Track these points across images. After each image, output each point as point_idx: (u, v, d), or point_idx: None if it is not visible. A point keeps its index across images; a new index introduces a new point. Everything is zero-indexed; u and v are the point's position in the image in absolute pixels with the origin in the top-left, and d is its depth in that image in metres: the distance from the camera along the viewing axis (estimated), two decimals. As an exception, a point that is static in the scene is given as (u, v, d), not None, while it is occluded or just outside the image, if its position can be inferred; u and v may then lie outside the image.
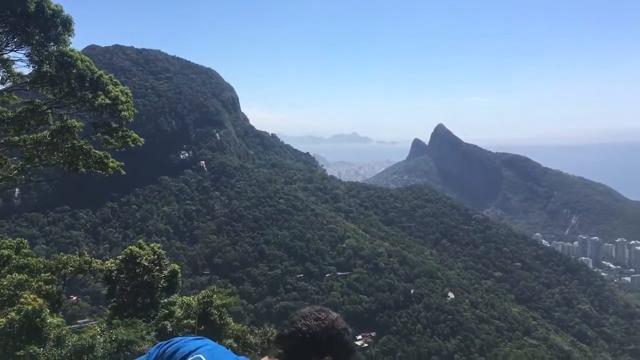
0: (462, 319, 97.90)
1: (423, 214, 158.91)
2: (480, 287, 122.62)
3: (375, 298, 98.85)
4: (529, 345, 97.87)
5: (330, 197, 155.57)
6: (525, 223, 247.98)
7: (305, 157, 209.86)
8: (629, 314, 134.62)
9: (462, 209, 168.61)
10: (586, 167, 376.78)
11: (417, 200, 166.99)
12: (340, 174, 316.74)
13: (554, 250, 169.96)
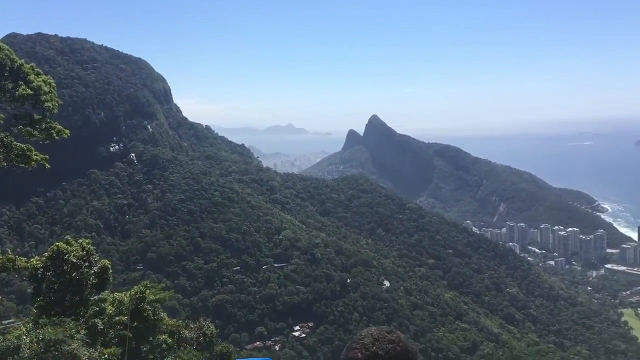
0: (397, 306, 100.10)
1: (358, 204, 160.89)
2: (414, 274, 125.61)
3: (312, 288, 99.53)
4: (460, 329, 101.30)
5: (266, 189, 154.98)
6: (456, 211, 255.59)
7: (241, 148, 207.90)
8: (553, 296, 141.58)
9: (396, 198, 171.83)
10: (513, 157, 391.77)
11: (353, 190, 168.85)
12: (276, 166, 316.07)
13: (483, 236, 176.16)
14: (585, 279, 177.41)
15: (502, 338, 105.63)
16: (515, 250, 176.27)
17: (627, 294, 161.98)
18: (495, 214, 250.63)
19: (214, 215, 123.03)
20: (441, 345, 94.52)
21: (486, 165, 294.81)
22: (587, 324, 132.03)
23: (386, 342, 2.39)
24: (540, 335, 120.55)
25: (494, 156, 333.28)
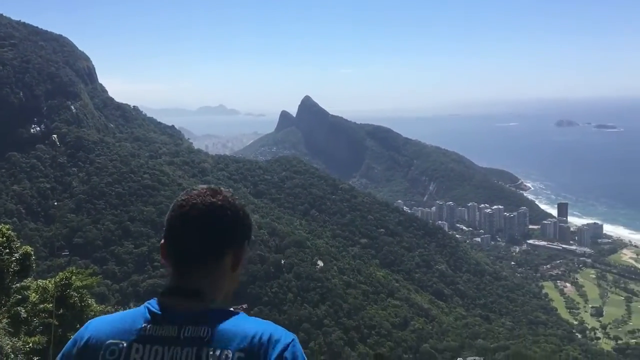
0: (330, 285, 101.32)
1: (292, 185, 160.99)
2: (347, 254, 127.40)
3: (246, 270, 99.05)
4: (392, 306, 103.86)
5: (197, 171, 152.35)
6: (388, 191, 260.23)
7: (171, 130, 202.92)
8: (480, 271, 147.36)
9: (329, 179, 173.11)
10: (442, 137, 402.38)
11: (286, 172, 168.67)
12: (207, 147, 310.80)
13: (414, 215, 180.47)
14: (509, 254, 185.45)
15: (431, 313, 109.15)
16: (444, 228, 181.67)
17: (548, 268, 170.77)
18: (426, 194, 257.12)
19: (143, 198, 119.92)
20: (374, 322, 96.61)
21: (416, 145, 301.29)
22: (511, 297, 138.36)
23: (207, 196, 2.24)
24: (467, 309, 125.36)
25: (424, 137, 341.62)
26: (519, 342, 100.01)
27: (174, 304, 2.22)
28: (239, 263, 2.35)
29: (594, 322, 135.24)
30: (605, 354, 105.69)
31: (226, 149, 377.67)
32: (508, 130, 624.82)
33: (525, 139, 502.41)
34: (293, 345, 2.16)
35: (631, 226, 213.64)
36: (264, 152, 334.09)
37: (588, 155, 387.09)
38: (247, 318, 2.20)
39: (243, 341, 2.10)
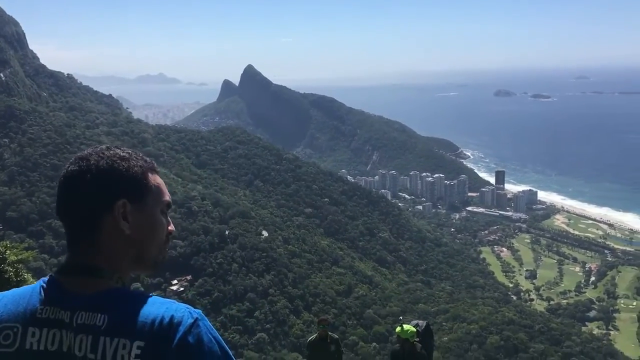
0: (275, 255, 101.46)
1: (235, 155, 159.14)
2: (292, 223, 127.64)
3: (190, 242, 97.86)
4: (336, 274, 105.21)
5: (137, 142, 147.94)
6: (332, 161, 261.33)
7: (108, 99, 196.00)
8: (421, 238, 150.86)
9: (273, 149, 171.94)
10: (385, 107, 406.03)
11: (229, 142, 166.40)
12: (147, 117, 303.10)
13: (358, 185, 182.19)
14: (449, 221, 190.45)
15: (375, 280, 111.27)
16: (387, 197, 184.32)
17: (485, 234, 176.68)
18: (369, 163, 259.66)
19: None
20: (318, 290, 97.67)
21: (360, 115, 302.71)
22: (451, 263, 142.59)
23: (77, 159, 2.11)
24: (409, 275, 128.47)
25: (368, 106, 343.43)
26: (458, 305, 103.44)
27: (66, 283, 2.03)
28: (120, 225, 2.06)
29: (528, 284, 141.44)
30: (538, 314, 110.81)
31: (167, 119, 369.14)
32: (448, 100, 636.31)
33: (465, 109, 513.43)
34: (196, 326, 1.96)
35: (563, 192, 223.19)
36: (207, 122, 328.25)
37: (524, 125, 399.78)
38: (147, 300, 1.99)
39: (142, 328, 1.91)
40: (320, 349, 12.36)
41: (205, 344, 1.94)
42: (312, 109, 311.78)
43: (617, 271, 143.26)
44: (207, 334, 1.97)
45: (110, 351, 1.85)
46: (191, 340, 1.92)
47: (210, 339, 1.97)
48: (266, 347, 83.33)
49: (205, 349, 1.92)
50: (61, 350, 1.89)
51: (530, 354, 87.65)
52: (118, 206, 2.06)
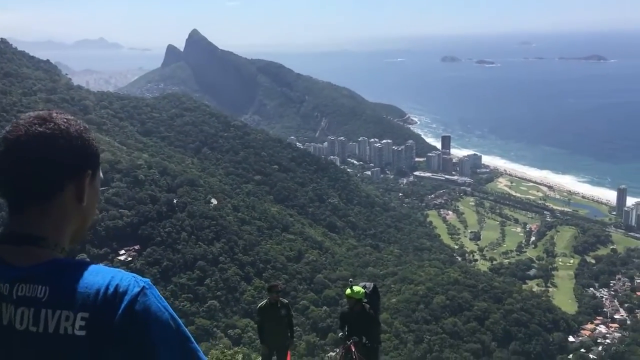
0: (225, 222, 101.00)
1: (182, 123, 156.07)
2: (241, 191, 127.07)
3: (137, 211, 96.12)
4: (287, 241, 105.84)
5: (79, 109, 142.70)
6: (281, 127, 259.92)
7: (46, 65, 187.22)
8: (370, 203, 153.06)
9: (221, 116, 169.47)
10: (333, 73, 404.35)
11: (176, 109, 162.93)
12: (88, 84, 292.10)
13: (307, 151, 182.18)
14: (397, 186, 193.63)
15: (325, 245, 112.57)
16: (336, 163, 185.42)
17: (432, 197, 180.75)
18: (318, 129, 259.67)
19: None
20: (269, 256, 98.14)
21: (308, 81, 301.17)
22: (399, 226, 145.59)
23: (34, 126, 1.93)
24: (358, 239, 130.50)
25: (316, 72, 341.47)
26: (406, 267, 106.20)
27: (5, 254, 1.88)
28: (83, 196, 1.99)
29: (473, 245, 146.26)
30: (481, 274, 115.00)
31: (109, 86, 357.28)
32: (396, 66, 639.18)
33: (412, 75, 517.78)
34: (144, 295, 1.87)
35: (506, 156, 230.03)
36: (151, 88, 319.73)
37: (470, 90, 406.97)
38: (91, 269, 1.88)
39: (86, 299, 1.81)
40: (270, 314, 12.51)
41: (153, 312, 1.87)
42: (260, 75, 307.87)
43: (556, 231, 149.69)
44: (155, 302, 1.90)
45: (53, 324, 1.76)
46: (138, 309, 1.84)
47: (159, 307, 1.90)
48: (217, 314, 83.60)
49: (153, 318, 1.86)
50: (1, 324, 1.79)
51: (474, 312, 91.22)
52: (87, 176, 2.00)
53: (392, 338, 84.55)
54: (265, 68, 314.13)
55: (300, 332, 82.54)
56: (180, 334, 1.90)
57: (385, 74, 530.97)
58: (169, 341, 1.86)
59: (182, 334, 1.92)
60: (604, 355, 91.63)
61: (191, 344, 1.92)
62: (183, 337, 1.91)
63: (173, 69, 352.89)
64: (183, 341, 1.90)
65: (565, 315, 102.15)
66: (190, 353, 1.90)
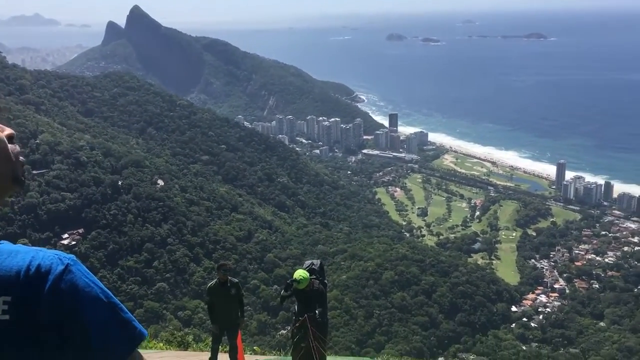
0: (173, 204, 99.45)
1: (125, 102, 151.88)
2: (188, 171, 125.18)
3: (80, 194, 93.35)
4: (236, 220, 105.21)
5: (14, 89, 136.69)
6: (228, 106, 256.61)
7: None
8: (319, 182, 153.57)
9: (166, 95, 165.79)
10: (279, 51, 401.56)
11: (118, 88, 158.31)
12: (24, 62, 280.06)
13: (255, 130, 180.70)
14: (345, 164, 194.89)
15: (274, 224, 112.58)
16: (284, 142, 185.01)
17: (380, 175, 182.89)
18: (265, 108, 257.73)
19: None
20: (218, 237, 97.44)
21: (255, 59, 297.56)
22: (348, 204, 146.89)
23: None
24: (308, 218, 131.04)
25: (262, 50, 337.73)
26: (355, 244, 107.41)
27: None
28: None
29: (420, 221, 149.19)
30: (429, 248, 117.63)
31: (47, 64, 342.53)
32: (343, 43, 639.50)
33: (359, 53, 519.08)
34: (69, 272, 1.79)
35: (451, 134, 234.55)
36: (92, 67, 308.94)
37: (416, 68, 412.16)
38: (8, 251, 1.79)
39: (6, 282, 1.72)
40: (220, 293, 12.35)
41: (80, 289, 1.79)
42: (206, 53, 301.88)
43: (499, 205, 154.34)
44: (82, 278, 1.82)
45: None
46: (64, 287, 1.76)
47: (87, 283, 1.82)
48: (167, 296, 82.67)
49: (82, 295, 1.78)
50: None
51: (421, 286, 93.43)
52: None
53: (343, 314, 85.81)
54: (210, 46, 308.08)
55: (251, 312, 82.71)
56: (112, 306, 1.82)
57: (332, 52, 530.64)
58: (101, 316, 1.78)
59: (114, 306, 1.83)
60: (544, 324, 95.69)
61: (125, 315, 1.85)
62: (115, 310, 1.83)
63: (114, 46, 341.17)
64: (116, 313, 1.83)
65: (508, 286, 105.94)
66: (125, 324, 1.83)
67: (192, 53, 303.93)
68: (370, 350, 72.71)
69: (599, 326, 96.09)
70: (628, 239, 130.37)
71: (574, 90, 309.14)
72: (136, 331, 1.84)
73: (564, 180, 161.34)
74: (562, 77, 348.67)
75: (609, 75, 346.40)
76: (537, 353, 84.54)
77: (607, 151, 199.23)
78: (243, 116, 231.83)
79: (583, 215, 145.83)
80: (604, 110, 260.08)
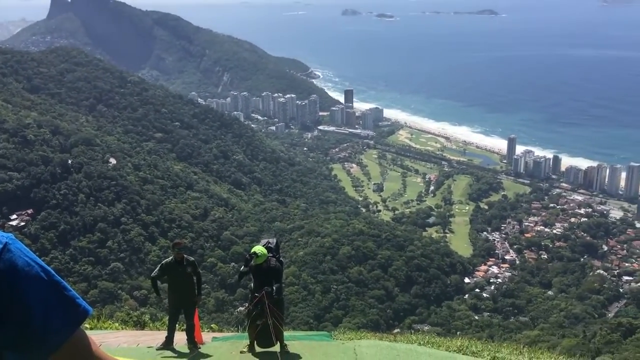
0: (126, 183, 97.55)
1: (73, 78, 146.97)
2: (141, 149, 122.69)
3: (28, 173, 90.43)
4: (192, 199, 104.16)
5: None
6: (181, 83, 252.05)
7: None
8: (275, 159, 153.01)
9: (116, 71, 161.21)
10: (233, 26, 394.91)
11: (65, 64, 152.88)
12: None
13: (209, 107, 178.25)
14: (302, 140, 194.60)
15: (231, 202, 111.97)
16: (240, 119, 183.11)
17: (336, 151, 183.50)
18: (220, 84, 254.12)
19: None
20: (174, 215, 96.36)
21: (208, 35, 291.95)
22: (304, 181, 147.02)
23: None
24: (265, 195, 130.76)
25: (215, 25, 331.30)
26: (312, 221, 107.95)
27: None
28: None
29: (376, 197, 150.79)
30: (385, 223, 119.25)
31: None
32: (297, 19, 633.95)
33: (313, 28, 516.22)
34: (7, 251, 1.74)
35: (406, 109, 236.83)
36: (37, 41, 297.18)
37: (371, 44, 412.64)
38: None
39: None
40: (176, 272, 12.22)
41: (20, 268, 1.74)
42: (157, 28, 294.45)
43: (453, 180, 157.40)
44: (21, 257, 1.77)
45: None
46: (2, 267, 1.71)
47: (27, 261, 1.77)
48: (122, 276, 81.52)
49: (21, 274, 1.73)
50: None
51: (378, 260, 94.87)
52: None
53: (300, 290, 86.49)
54: (161, 20, 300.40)
55: (209, 289, 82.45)
56: (54, 284, 1.77)
57: (287, 27, 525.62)
58: (43, 294, 1.72)
59: (56, 284, 1.78)
60: (496, 294, 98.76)
61: (67, 292, 1.80)
62: (58, 287, 1.77)
63: (60, 20, 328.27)
64: (58, 291, 1.77)
65: (461, 258, 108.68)
66: (68, 302, 1.78)
67: (142, 28, 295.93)
68: (328, 324, 73.73)
69: (547, 295, 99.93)
70: (575, 211, 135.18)
71: (524, 66, 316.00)
72: (79, 309, 1.80)
73: (514, 155, 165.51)
74: (512, 54, 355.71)
75: (557, 51, 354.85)
76: (489, 322, 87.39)
77: (556, 126, 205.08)
78: (197, 93, 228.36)
79: (533, 188, 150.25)
80: (552, 85, 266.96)
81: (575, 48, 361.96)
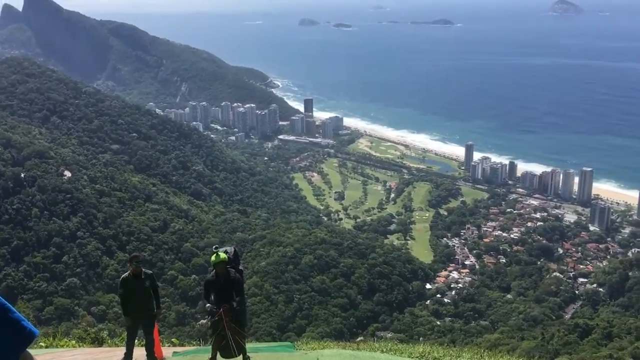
0: (82, 196, 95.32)
1: (25, 90, 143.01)
2: (98, 161, 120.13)
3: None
4: (151, 211, 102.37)
5: None
6: (138, 93, 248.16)
7: None
8: (235, 169, 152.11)
9: (70, 82, 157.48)
10: (191, 36, 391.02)
11: (17, 75, 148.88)
12: None
13: (167, 117, 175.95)
14: (262, 150, 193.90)
15: (191, 213, 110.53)
16: (199, 129, 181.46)
17: (297, 160, 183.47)
18: (178, 94, 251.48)
19: None
20: (132, 228, 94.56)
21: (165, 44, 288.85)
22: (266, 190, 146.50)
23: None
24: (225, 205, 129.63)
25: (173, 35, 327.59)
26: (274, 230, 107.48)
27: None
28: None
29: (337, 205, 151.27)
30: (346, 232, 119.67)
31: None
32: (255, 28, 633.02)
33: (272, 38, 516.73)
34: None
35: (365, 118, 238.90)
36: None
37: (330, 54, 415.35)
38: None
39: None
40: (134, 286, 11.91)
41: None
42: (112, 38, 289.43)
43: (413, 187, 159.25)
44: None
45: None
46: None
47: None
48: (78, 292, 79.44)
49: None
50: None
51: (340, 269, 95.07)
52: None
53: (263, 300, 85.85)
54: (117, 30, 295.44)
55: (169, 303, 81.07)
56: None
57: (245, 37, 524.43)
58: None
59: (1, 307, 1.79)
60: (456, 299, 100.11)
61: (12, 315, 1.77)
62: (2, 310, 1.77)
63: (11, 30, 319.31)
64: (3, 314, 1.76)
65: (422, 264, 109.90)
66: (13, 325, 1.75)
67: (97, 38, 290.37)
68: (291, 334, 73.38)
69: (506, 298, 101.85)
70: (531, 215, 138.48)
71: (479, 74, 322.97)
72: (25, 331, 1.76)
73: (472, 161, 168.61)
74: (467, 62, 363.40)
75: (511, 60, 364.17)
76: (451, 327, 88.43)
77: (511, 133, 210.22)
78: (155, 103, 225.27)
79: (490, 194, 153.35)
80: (506, 94, 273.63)
81: (527, 57, 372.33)
